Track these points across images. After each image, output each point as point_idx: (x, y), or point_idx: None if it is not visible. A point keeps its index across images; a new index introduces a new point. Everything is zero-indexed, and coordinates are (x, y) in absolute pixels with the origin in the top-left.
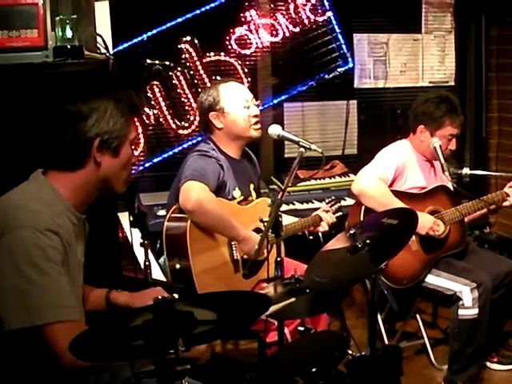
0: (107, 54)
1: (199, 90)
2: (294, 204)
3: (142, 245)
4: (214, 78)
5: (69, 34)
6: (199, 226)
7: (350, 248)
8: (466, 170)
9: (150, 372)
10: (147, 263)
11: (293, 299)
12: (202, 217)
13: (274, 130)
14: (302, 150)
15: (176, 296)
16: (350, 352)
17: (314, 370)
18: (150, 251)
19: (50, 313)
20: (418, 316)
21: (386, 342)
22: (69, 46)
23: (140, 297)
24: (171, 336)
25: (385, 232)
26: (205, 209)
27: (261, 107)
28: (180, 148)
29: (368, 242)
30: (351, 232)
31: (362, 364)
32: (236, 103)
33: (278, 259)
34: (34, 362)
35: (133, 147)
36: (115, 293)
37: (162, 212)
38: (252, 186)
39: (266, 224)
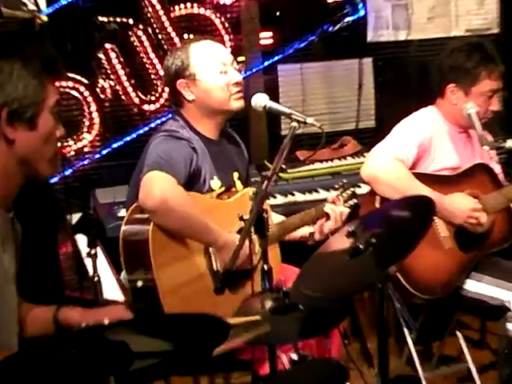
0: (38, 12)
1: (167, 52)
2: (293, 194)
3: (89, 255)
4: (185, 37)
5: None
6: (165, 229)
7: (349, 250)
8: (511, 143)
9: None
10: (96, 279)
11: (256, 317)
12: (167, 218)
13: (259, 100)
14: (294, 124)
15: (106, 321)
16: None
17: None
18: (107, 264)
19: None
20: (459, 334)
21: (420, 369)
22: None
23: (94, 315)
24: (99, 374)
25: (394, 228)
26: (171, 207)
27: (247, 72)
28: (146, 129)
29: (373, 241)
30: (350, 229)
31: None
32: (210, 68)
33: (265, 267)
34: None
35: (56, 116)
36: (67, 310)
37: (123, 212)
38: (236, 175)
39: (246, 222)
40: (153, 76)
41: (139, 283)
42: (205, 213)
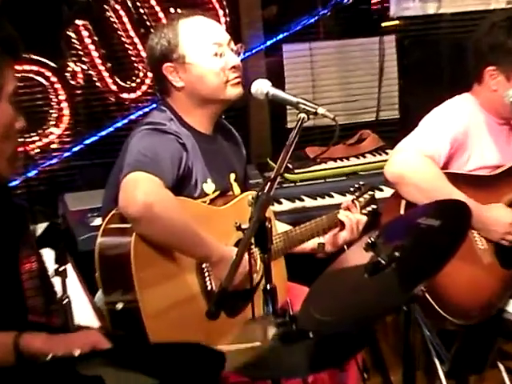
0: None
1: (151, 30)
2: (301, 199)
3: (57, 273)
4: (172, 11)
5: None
6: (150, 241)
7: (368, 266)
8: None
9: None
10: (65, 301)
11: (253, 344)
12: (152, 227)
13: (260, 86)
14: (302, 115)
15: (77, 352)
16: None
17: None
18: (79, 284)
19: None
20: (501, 366)
21: None
22: None
23: (63, 343)
24: None
25: (422, 239)
26: (157, 214)
27: (246, 53)
28: (126, 121)
29: (396, 255)
30: (369, 241)
31: None
32: (203, 49)
33: (268, 287)
34: None
35: (15, 105)
36: (30, 337)
37: (98, 221)
38: (233, 176)
39: (245, 233)
40: (133, 58)
41: (119, 306)
42: (197, 221)
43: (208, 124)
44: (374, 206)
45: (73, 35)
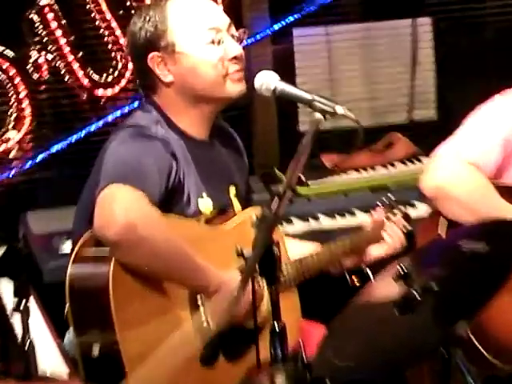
0: None
1: (131, 12)
2: (317, 218)
3: (17, 310)
4: None
5: None
6: (132, 269)
7: (399, 300)
8: None
9: None
10: (28, 344)
11: None
12: (136, 252)
13: (265, 80)
14: (317, 115)
15: None
16: None
17: None
18: (45, 323)
19: None
20: None
21: None
22: None
23: None
24: None
25: (464, 267)
26: (141, 237)
27: (249, 40)
28: (101, 123)
29: (433, 287)
30: (400, 270)
31: None
32: (196, 35)
33: (277, 326)
34: None
35: None
36: None
37: (68, 246)
38: (233, 190)
39: (247, 260)
40: (110, 46)
41: (95, 349)
42: (190, 245)
43: (203, 127)
44: (409, 227)
45: (35, 18)
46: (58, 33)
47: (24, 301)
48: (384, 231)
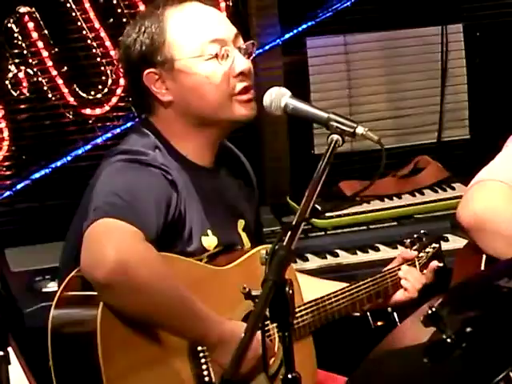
0: None
1: (123, 20)
2: (335, 255)
3: None
4: None
5: None
6: (124, 315)
7: (428, 347)
8: None
9: None
10: None
11: None
12: (127, 296)
13: (276, 97)
14: (335, 137)
15: None
16: None
17: None
18: (24, 374)
19: None
20: None
21: None
22: None
23: None
24: None
25: (504, 309)
26: (134, 278)
27: (258, 51)
28: (89, 147)
29: (468, 331)
30: (431, 312)
31: None
32: (198, 49)
33: (290, 377)
34: None
35: None
36: None
37: (52, 286)
38: (242, 224)
39: (256, 303)
40: (99, 59)
41: None
42: (190, 287)
43: (207, 153)
44: (440, 264)
45: (14, 27)
46: (40, 44)
47: (2, 350)
48: (403, 278)
